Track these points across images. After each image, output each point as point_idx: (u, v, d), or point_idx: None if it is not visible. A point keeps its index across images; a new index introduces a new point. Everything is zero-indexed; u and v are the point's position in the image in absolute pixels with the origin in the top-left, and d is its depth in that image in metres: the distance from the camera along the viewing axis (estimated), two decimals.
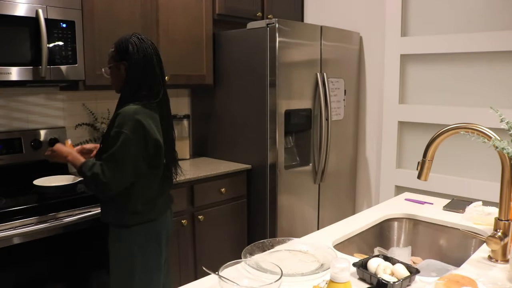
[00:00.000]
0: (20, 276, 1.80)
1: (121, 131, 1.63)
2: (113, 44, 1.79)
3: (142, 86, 1.72)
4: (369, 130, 3.23)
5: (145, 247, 1.76)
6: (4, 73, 1.90)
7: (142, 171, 1.70)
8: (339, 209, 3.09)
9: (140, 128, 1.65)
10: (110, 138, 1.65)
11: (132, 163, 1.65)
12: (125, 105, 1.69)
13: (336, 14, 3.27)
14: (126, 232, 1.74)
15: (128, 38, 1.75)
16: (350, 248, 1.51)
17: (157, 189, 1.79)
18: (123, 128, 1.63)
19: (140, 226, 1.75)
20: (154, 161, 1.73)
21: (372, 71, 3.17)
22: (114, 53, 1.77)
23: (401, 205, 1.86)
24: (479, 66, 2.64)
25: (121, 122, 1.64)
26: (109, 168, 1.62)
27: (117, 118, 1.66)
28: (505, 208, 1.27)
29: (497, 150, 1.22)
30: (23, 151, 2.27)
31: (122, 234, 1.75)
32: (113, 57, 1.78)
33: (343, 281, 0.89)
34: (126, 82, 1.74)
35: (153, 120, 1.70)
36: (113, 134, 1.64)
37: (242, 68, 2.72)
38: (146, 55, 1.73)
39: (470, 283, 1.03)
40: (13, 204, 1.81)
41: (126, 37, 1.76)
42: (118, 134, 1.63)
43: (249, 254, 1.27)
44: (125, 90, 1.75)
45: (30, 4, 1.95)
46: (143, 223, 1.75)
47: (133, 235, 1.74)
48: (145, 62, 1.73)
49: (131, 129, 1.63)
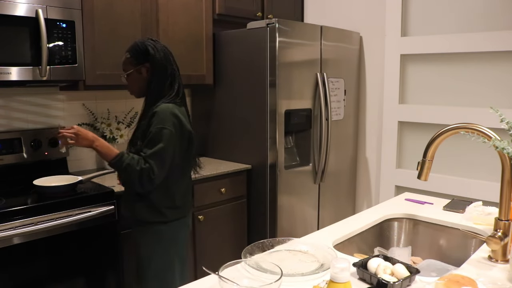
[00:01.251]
0: (20, 276, 1.80)
1: (164, 127, 1.67)
2: (127, 52, 1.82)
3: (166, 85, 1.78)
4: (369, 130, 3.23)
5: (182, 240, 1.83)
6: (4, 73, 1.90)
7: (178, 165, 1.76)
8: (339, 209, 3.09)
9: (179, 124, 1.72)
10: (153, 134, 1.67)
11: (172, 159, 1.71)
12: (154, 104, 1.74)
13: (336, 14, 3.27)
14: (164, 227, 1.77)
15: (143, 41, 1.81)
16: (350, 248, 1.51)
17: (188, 183, 1.88)
18: (165, 124, 1.68)
19: (178, 221, 1.81)
20: (187, 154, 1.80)
21: (372, 71, 3.17)
22: (131, 59, 1.80)
23: (401, 205, 1.86)
24: (479, 66, 2.64)
25: (162, 118, 1.68)
26: (156, 165, 1.65)
27: (155, 116, 1.69)
28: (505, 208, 1.27)
29: (497, 150, 1.22)
30: (23, 151, 2.27)
31: (160, 230, 1.77)
32: (131, 62, 1.80)
33: (343, 281, 0.89)
34: (151, 83, 1.78)
35: (183, 115, 1.78)
36: (156, 130, 1.67)
37: (242, 68, 2.72)
38: (165, 54, 1.81)
39: (470, 283, 1.03)
40: (13, 204, 1.81)
41: (141, 41, 1.81)
42: (161, 130, 1.67)
43: (249, 254, 1.27)
44: (151, 91, 1.78)
45: (30, 4, 1.95)
46: (181, 217, 1.82)
47: (172, 229, 1.79)
48: (166, 61, 1.80)
49: (172, 125, 1.69)
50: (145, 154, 1.67)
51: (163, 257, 1.79)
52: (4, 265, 1.75)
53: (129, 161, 1.66)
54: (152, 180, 1.66)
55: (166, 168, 1.70)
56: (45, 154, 2.34)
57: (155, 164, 1.65)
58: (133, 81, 1.82)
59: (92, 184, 2.17)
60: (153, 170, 1.65)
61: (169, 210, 1.77)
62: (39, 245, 1.83)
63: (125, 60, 1.82)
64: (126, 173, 1.68)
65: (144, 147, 1.69)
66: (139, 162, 1.66)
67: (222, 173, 2.59)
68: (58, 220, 1.86)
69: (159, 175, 1.68)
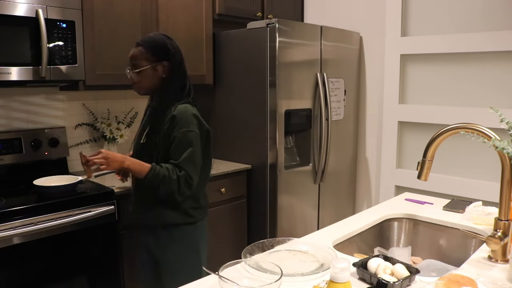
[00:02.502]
0: (20, 276, 1.80)
1: (189, 130, 1.64)
2: (141, 46, 1.71)
3: (183, 85, 1.75)
4: (369, 130, 3.23)
5: (205, 239, 1.83)
6: (4, 73, 1.90)
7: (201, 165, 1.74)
8: (339, 209, 3.09)
9: (199, 124, 1.70)
10: (179, 139, 1.63)
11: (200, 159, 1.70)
12: (169, 105, 1.69)
13: (336, 14, 3.27)
14: (191, 228, 1.75)
15: (162, 37, 1.74)
16: (350, 248, 1.51)
17: (207, 182, 1.86)
18: (190, 126, 1.64)
19: (203, 220, 1.80)
20: (207, 152, 1.78)
21: (372, 71, 3.17)
22: (148, 54, 1.69)
23: (401, 205, 1.86)
24: (479, 66, 2.64)
25: (185, 121, 1.64)
26: (190, 170, 1.63)
27: (176, 119, 1.64)
28: (505, 208, 1.27)
29: (497, 150, 1.22)
30: (23, 151, 2.27)
31: (188, 231, 1.75)
32: (147, 58, 1.70)
33: (343, 281, 0.89)
34: (168, 83, 1.71)
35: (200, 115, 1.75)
36: (181, 134, 1.63)
37: (242, 68, 2.72)
38: (181, 54, 1.77)
39: (470, 283, 1.03)
40: (13, 204, 1.81)
41: (159, 37, 1.74)
42: (187, 134, 1.64)
43: (249, 254, 1.27)
44: (167, 92, 1.71)
45: (30, 4, 1.95)
46: (205, 216, 1.82)
47: (198, 229, 1.77)
48: (183, 61, 1.77)
49: (196, 126, 1.67)
50: (177, 161, 1.63)
51: (193, 258, 1.76)
52: (4, 265, 1.75)
53: (164, 172, 1.60)
54: (191, 186, 1.64)
55: (199, 170, 1.68)
56: (45, 154, 2.34)
57: (190, 169, 1.62)
58: (145, 77, 1.71)
59: (92, 184, 2.17)
60: (189, 175, 1.62)
61: (195, 210, 1.75)
62: (39, 245, 1.83)
63: (139, 55, 1.70)
64: (164, 184, 1.61)
65: (173, 154, 1.64)
66: (174, 170, 1.61)
67: (222, 173, 2.59)
68: (58, 220, 1.86)
69: (195, 179, 1.65)
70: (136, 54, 1.70)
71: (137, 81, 1.73)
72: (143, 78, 1.71)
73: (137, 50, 1.70)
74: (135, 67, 1.71)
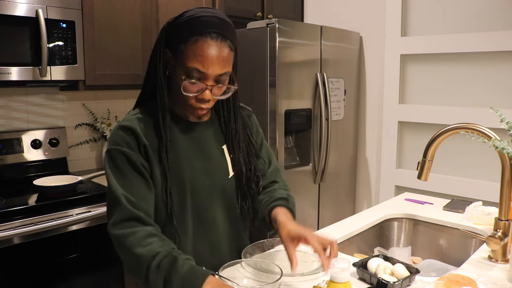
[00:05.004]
0: (20, 276, 1.80)
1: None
2: (227, 40, 1.08)
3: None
4: (369, 130, 3.23)
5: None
6: (4, 73, 1.90)
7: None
8: (339, 209, 3.09)
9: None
10: (265, 146, 1.36)
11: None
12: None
13: (336, 14, 3.26)
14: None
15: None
16: (350, 248, 1.51)
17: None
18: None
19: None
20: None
21: (372, 71, 3.17)
22: (234, 53, 1.13)
23: (401, 205, 1.86)
24: (479, 66, 2.64)
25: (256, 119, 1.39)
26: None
27: (253, 117, 1.40)
28: (505, 208, 1.27)
29: (497, 150, 1.22)
30: (23, 151, 2.27)
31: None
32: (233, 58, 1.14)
33: (343, 281, 0.89)
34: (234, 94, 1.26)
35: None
36: (264, 139, 1.37)
37: (242, 68, 2.71)
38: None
39: (470, 283, 1.03)
40: (13, 204, 1.81)
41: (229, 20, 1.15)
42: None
43: (249, 254, 1.27)
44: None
45: (30, 4, 1.95)
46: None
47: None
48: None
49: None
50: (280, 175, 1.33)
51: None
52: (4, 265, 1.75)
53: (292, 200, 1.26)
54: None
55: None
56: (45, 154, 2.34)
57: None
58: (227, 93, 1.16)
59: (92, 184, 2.17)
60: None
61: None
62: (39, 245, 1.83)
63: (230, 59, 1.10)
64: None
65: (270, 165, 1.33)
66: (287, 188, 1.30)
67: None
68: (58, 220, 1.86)
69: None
70: (227, 56, 1.08)
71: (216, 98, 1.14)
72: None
73: (226, 50, 1.08)
74: (228, 80, 1.13)
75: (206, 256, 1.18)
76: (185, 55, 1.06)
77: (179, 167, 1.12)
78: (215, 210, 1.19)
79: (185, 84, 1.07)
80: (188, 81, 1.06)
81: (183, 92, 1.08)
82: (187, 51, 1.05)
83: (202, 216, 1.17)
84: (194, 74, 1.06)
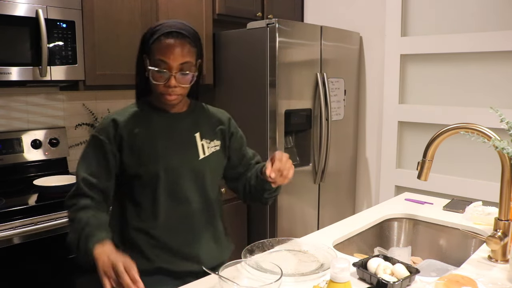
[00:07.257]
0: (20, 276, 1.80)
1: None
2: (187, 38, 1.27)
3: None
4: (369, 130, 3.23)
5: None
6: (4, 73, 1.90)
7: None
8: (339, 209, 3.09)
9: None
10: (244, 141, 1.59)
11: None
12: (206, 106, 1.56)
13: (336, 14, 3.27)
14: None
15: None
16: (350, 248, 1.52)
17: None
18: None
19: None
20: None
21: (372, 71, 3.17)
22: (197, 50, 1.32)
23: (401, 205, 1.86)
24: (479, 66, 2.64)
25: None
26: None
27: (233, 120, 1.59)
28: (505, 208, 1.27)
29: (497, 150, 1.22)
30: (23, 151, 2.27)
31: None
32: (196, 55, 1.32)
33: (343, 281, 0.89)
34: (197, 83, 1.39)
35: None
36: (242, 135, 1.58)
37: (242, 68, 2.72)
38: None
39: (470, 283, 1.03)
40: (13, 204, 1.81)
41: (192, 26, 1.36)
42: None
43: (249, 254, 1.28)
44: (195, 91, 1.46)
45: (30, 4, 1.95)
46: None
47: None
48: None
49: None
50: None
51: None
52: (4, 265, 1.75)
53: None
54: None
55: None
56: (45, 154, 2.34)
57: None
58: (191, 81, 1.30)
59: None
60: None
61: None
62: (39, 245, 1.83)
63: (190, 52, 1.28)
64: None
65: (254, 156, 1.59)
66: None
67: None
68: (58, 220, 1.86)
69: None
70: (188, 52, 1.28)
71: (183, 89, 1.30)
72: (189, 82, 1.31)
73: (187, 47, 1.27)
74: (189, 71, 1.28)
75: (179, 231, 1.31)
76: (153, 51, 1.27)
77: (154, 145, 1.29)
78: (187, 188, 1.32)
79: (152, 72, 1.26)
80: (155, 70, 1.26)
81: (152, 81, 1.27)
82: (154, 48, 1.27)
83: (174, 191, 1.30)
84: (160, 64, 1.25)
